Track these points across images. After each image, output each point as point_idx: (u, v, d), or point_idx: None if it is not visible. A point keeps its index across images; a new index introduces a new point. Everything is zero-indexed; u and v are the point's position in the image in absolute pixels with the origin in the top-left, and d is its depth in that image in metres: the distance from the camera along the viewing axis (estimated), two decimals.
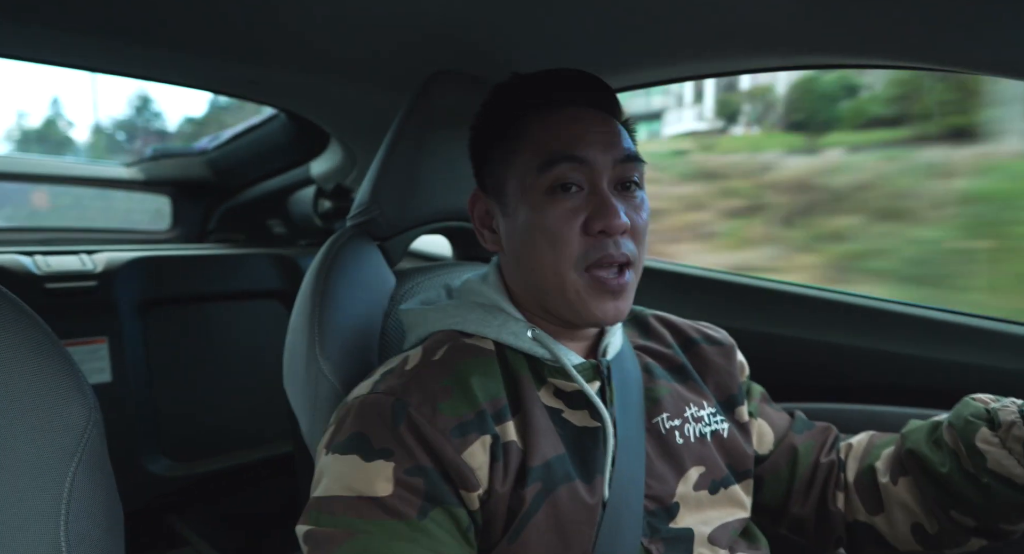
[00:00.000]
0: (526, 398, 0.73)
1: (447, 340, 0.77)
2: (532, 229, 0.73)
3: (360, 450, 0.66)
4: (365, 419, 0.68)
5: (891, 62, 0.91)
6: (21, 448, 0.57)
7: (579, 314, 0.73)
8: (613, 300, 0.72)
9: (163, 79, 1.48)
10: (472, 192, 0.83)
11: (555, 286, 0.73)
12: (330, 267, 0.94)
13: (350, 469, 0.65)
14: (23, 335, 0.60)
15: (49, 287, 1.74)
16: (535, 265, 0.74)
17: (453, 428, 0.67)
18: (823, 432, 0.93)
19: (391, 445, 0.65)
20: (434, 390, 0.69)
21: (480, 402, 0.70)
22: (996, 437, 0.74)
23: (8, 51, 1.20)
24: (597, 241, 0.71)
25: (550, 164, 0.72)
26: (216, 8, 1.02)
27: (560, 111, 0.75)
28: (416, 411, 0.67)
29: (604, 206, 0.70)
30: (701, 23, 0.94)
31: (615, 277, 0.72)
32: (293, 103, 1.69)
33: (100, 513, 0.62)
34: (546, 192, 0.72)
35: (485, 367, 0.74)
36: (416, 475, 0.65)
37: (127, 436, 1.85)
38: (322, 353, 0.88)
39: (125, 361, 1.86)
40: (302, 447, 0.95)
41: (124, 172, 2.32)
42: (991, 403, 0.78)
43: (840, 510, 0.88)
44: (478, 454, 0.67)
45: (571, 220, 0.71)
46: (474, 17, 1.01)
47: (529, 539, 0.68)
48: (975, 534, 0.80)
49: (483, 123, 0.81)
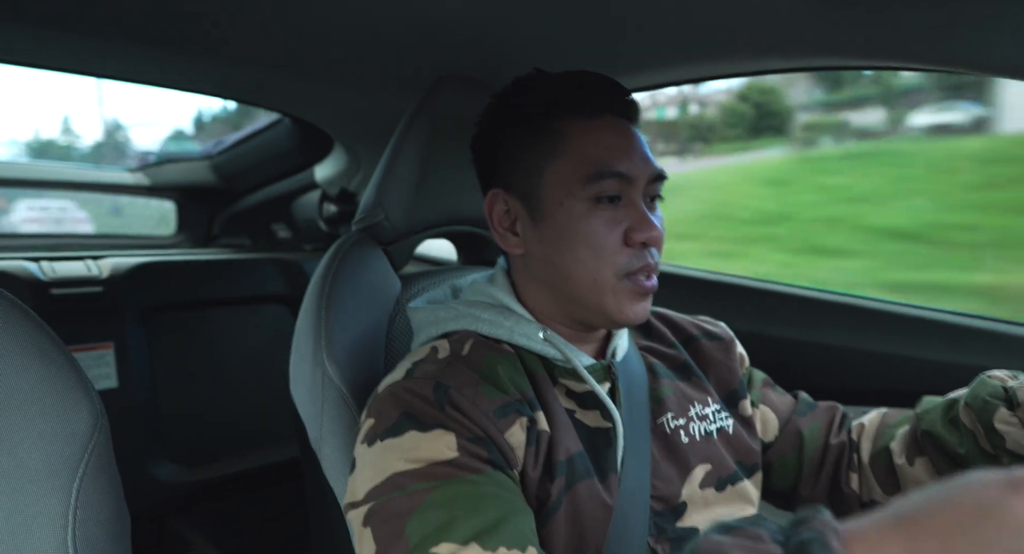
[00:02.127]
0: (547, 394, 0.74)
1: (470, 336, 0.77)
2: (573, 237, 0.73)
3: (416, 426, 0.65)
4: (410, 402, 0.67)
5: (898, 63, 0.91)
6: (28, 454, 0.58)
7: (612, 317, 0.75)
8: (642, 302, 0.76)
9: (168, 84, 1.48)
10: (491, 192, 0.81)
11: (592, 291, 0.74)
12: (335, 272, 0.94)
13: (410, 444, 0.64)
14: (29, 341, 0.60)
15: (55, 293, 1.75)
16: (572, 272, 0.74)
17: (496, 409, 0.68)
18: (828, 411, 0.93)
19: (445, 422, 0.65)
20: (471, 377, 0.70)
21: (512, 390, 0.71)
22: (1015, 417, 0.73)
23: (10, 55, 1.21)
24: (637, 251, 0.74)
25: (598, 177, 0.73)
26: (221, 13, 1.02)
27: (599, 118, 0.76)
28: (458, 392, 0.67)
29: (645, 219, 0.73)
30: (707, 25, 0.94)
31: (647, 281, 0.75)
32: (297, 107, 1.69)
33: (107, 518, 0.62)
34: (590, 201, 0.73)
35: (510, 363, 0.75)
36: (477, 444, 0.65)
37: (133, 441, 1.85)
38: (328, 357, 0.88)
39: (131, 367, 1.86)
40: (308, 452, 0.95)
41: (129, 177, 2.32)
42: (1008, 381, 0.77)
43: (855, 491, 0.88)
44: (517, 433, 0.68)
45: (614, 230, 0.73)
46: (479, 22, 1.01)
47: (552, 532, 0.68)
48: None
49: (507, 120, 0.79)
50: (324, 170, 1.96)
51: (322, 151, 1.92)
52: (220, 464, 2.02)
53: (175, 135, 9.85)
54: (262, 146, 2.05)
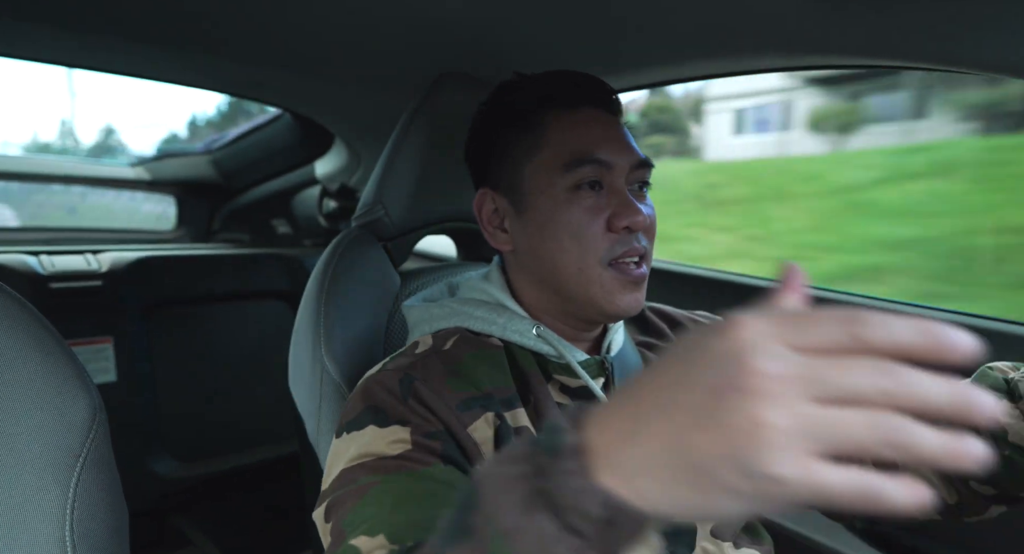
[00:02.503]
0: (537, 391, 0.74)
1: (456, 332, 0.78)
2: (556, 226, 0.74)
3: (375, 420, 0.66)
4: (375, 394, 0.68)
5: (896, 62, 0.91)
6: (27, 448, 0.58)
7: (602, 308, 0.75)
8: (633, 292, 0.75)
9: (168, 79, 1.48)
10: (479, 191, 0.83)
11: (579, 282, 0.74)
12: (335, 267, 0.94)
13: (367, 438, 0.65)
14: (28, 335, 0.60)
15: (54, 287, 1.75)
16: (557, 262, 0.75)
17: (459, 403, 0.68)
18: None
19: (405, 415, 0.66)
20: (441, 370, 0.71)
21: (486, 386, 0.71)
22: (1017, 409, 0.73)
23: (11, 50, 1.21)
24: (620, 237, 0.73)
25: (576, 165, 0.73)
26: (224, 11, 1.02)
27: (578, 110, 0.77)
28: (422, 384, 0.68)
29: (627, 204, 0.73)
30: (707, 24, 0.93)
31: (636, 268, 0.74)
32: (298, 103, 1.69)
33: (105, 513, 0.62)
34: (569, 190, 0.74)
35: (493, 360, 0.75)
36: (433, 438, 0.65)
37: (132, 436, 1.85)
38: (327, 353, 0.88)
39: (130, 361, 1.86)
40: (307, 447, 0.95)
41: (130, 172, 2.32)
42: (1010, 373, 0.77)
43: None
44: (482, 429, 0.69)
45: (597, 217, 0.73)
46: (479, 19, 1.00)
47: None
48: (995, 502, 0.79)
49: (495, 121, 0.81)
50: (324, 166, 1.96)
51: (322, 147, 1.92)
52: (219, 460, 2.02)
53: (169, 138, 9.84)
54: (263, 141, 2.05)
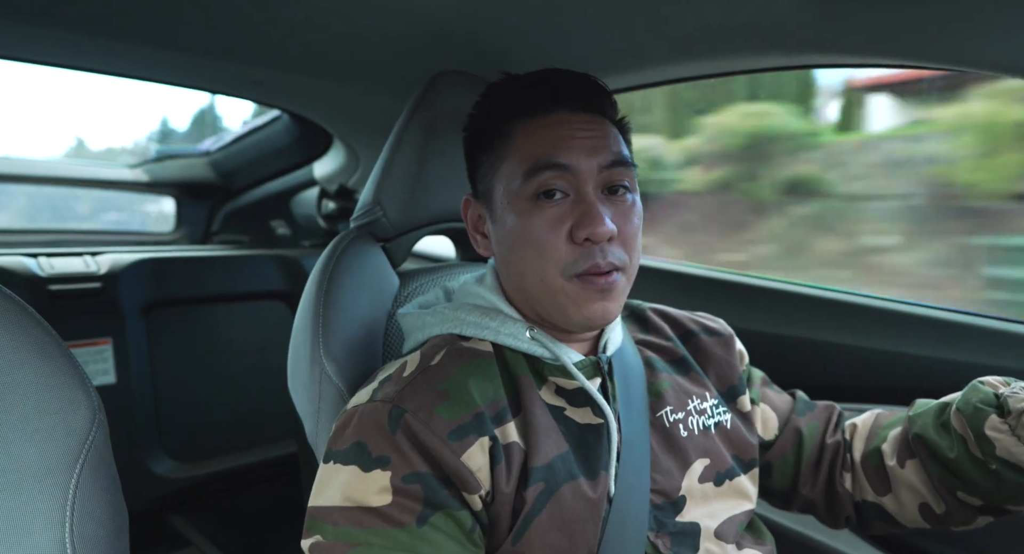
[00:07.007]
0: (527, 398, 0.73)
1: (444, 344, 0.77)
2: (518, 236, 0.72)
3: (359, 460, 0.66)
4: (364, 428, 0.68)
5: (897, 62, 0.91)
6: (26, 450, 0.57)
7: (569, 318, 0.73)
8: (602, 300, 0.71)
9: (167, 80, 1.48)
10: (465, 197, 0.84)
11: (543, 292, 0.73)
12: (334, 268, 0.94)
13: (349, 479, 0.66)
14: (27, 337, 0.60)
15: (53, 289, 1.74)
16: (523, 271, 0.74)
17: (451, 432, 0.67)
18: (826, 411, 0.93)
19: (389, 452, 0.66)
20: (431, 395, 0.69)
21: (478, 404, 0.70)
22: (1006, 424, 0.73)
23: (11, 52, 1.21)
24: (584, 249, 0.70)
25: (534, 172, 0.71)
26: (220, 10, 1.02)
27: (547, 115, 0.74)
28: (412, 417, 0.67)
29: (589, 213, 0.69)
30: (704, 22, 0.93)
31: (604, 278, 0.71)
32: (296, 104, 1.69)
33: (105, 515, 0.62)
34: (530, 199, 0.72)
35: (483, 370, 0.74)
36: (413, 482, 0.65)
37: (132, 437, 1.85)
38: (326, 354, 0.88)
39: (129, 362, 1.86)
40: (306, 448, 0.95)
41: (128, 173, 2.32)
42: (1000, 388, 0.77)
43: (848, 490, 0.89)
44: (477, 456, 0.67)
45: (557, 228, 0.70)
46: (477, 18, 1.00)
47: (533, 539, 0.68)
48: (982, 513, 0.80)
49: (472, 128, 0.82)
50: (323, 167, 1.96)
51: (321, 148, 1.92)
52: (218, 460, 2.02)
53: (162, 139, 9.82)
54: (261, 142, 2.05)
